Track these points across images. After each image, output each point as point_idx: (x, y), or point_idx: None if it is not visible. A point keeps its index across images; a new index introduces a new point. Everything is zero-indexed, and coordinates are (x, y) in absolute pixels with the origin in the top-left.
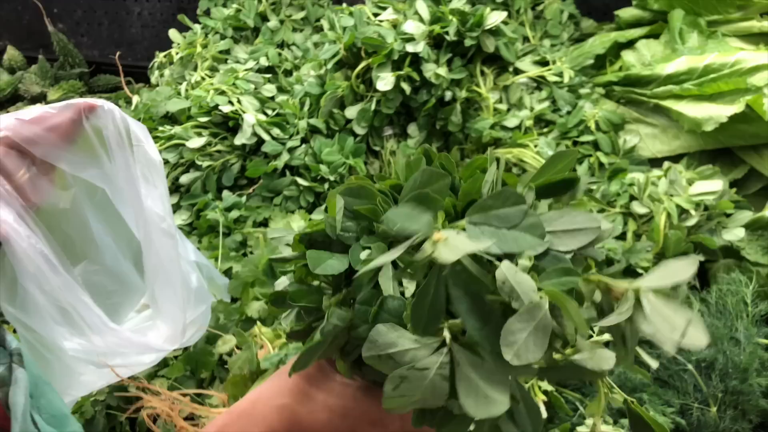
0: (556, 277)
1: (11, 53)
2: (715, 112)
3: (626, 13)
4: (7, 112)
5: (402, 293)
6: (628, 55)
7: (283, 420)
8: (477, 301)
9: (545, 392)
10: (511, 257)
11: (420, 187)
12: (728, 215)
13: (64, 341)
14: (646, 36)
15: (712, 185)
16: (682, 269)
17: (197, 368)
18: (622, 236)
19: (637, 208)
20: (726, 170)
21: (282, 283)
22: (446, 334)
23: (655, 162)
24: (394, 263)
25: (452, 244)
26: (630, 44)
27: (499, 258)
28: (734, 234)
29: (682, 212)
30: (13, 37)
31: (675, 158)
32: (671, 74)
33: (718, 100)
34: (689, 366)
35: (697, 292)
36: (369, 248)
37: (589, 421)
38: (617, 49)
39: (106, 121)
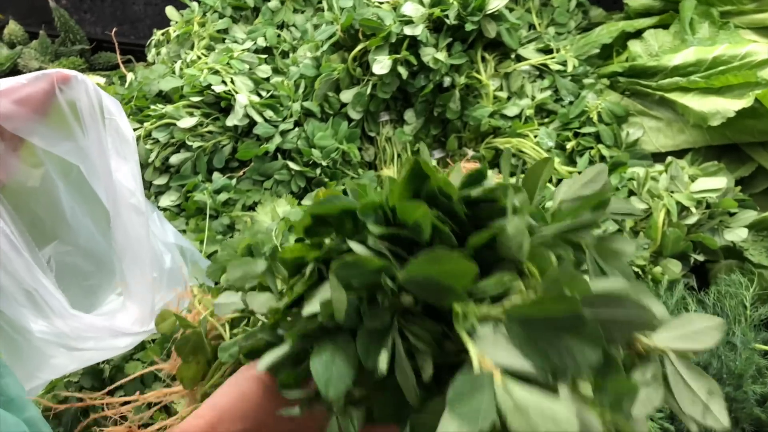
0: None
1: (12, 28)
2: (722, 106)
3: (636, 2)
4: None
5: None
6: (634, 45)
7: None
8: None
9: None
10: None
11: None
12: (732, 214)
13: (31, 323)
14: (656, 26)
15: (715, 182)
16: (708, 334)
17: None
18: (618, 233)
19: (636, 203)
20: (732, 167)
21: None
22: None
23: (659, 156)
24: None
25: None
26: (638, 34)
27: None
28: (737, 234)
29: (683, 210)
30: (17, 11)
31: (679, 153)
32: (678, 65)
33: (726, 94)
34: None
35: (695, 292)
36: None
37: None
38: (625, 38)
39: (80, 93)
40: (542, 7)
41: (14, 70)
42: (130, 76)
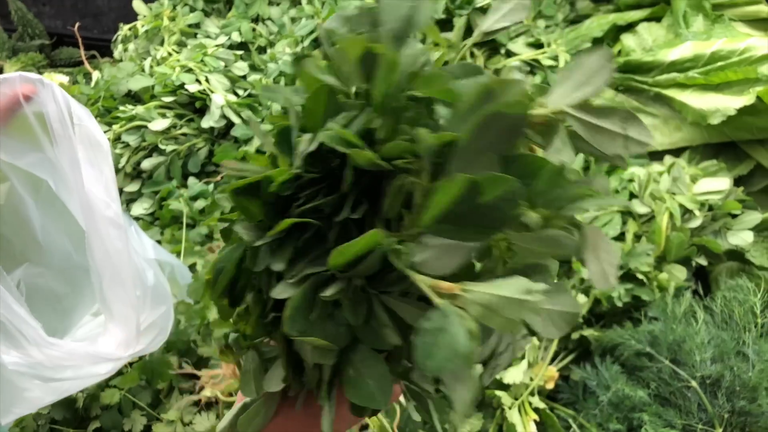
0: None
1: None
2: (722, 104)
3: None
4: None
5: None
6: (628, 39)
7: None
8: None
9: (536, 410)
10: None
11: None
12: (734, 216)
13: (2, 355)
14: (648, 19)
15: (718, 183)
16: (600, 73)
17: (153, 378)
18: (620, 237)
19: (638, 207)
20: (730, 165)
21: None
22: None
23: (655, 155)
24: None
25: None
26: (630, 27)
27: None
28: (741, 238)
29: (686, 212)
30: None
31: (676, 151)
32: (675, 61)
33: (725, 91)
34: (693, 383)
35: (700, 298)
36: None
37: None
38: (616, 32)
39: (46, 98)
40: None
41: None
42: (96, 74)
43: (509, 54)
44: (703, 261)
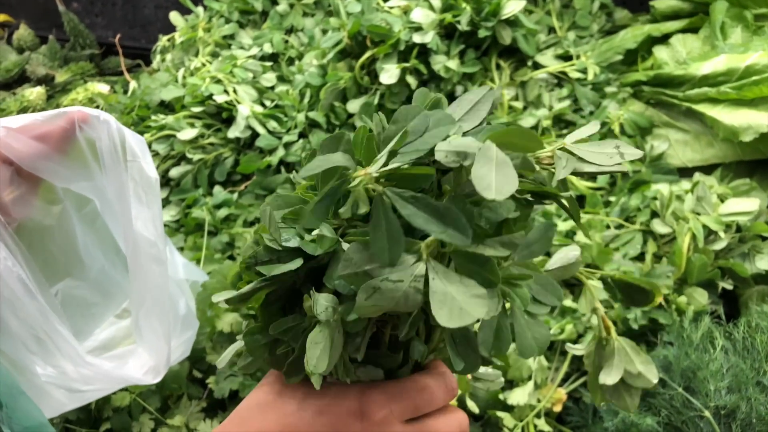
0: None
1: (21, 33)
2: (754, 120)
3: (663, 3)
4: (14, 93)
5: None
6: (660, 52)
7: None
8: (429, 205)
9: None
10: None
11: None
12: (765, 238)
13: (38, 368)
14: (684, 30)
15: (747, 204)
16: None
17: (164, 384)
18: (640, 257)
19: (659, 227)
20: (766, 184)
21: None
22: (422, 249)
23: (686, 172)
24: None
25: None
26: (665, 38)
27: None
28: None
29: (710, 233)
30: (29, 15)
31: (708, 168)
32: (707, 75)
33: (759, 106)
34: (706, 413)
35: (722, 324)
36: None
37: None
38: (651, 43)
39: (101, 132)
40: (563, 9)
41: (22, 76)
42: (132, 84)
43: (536, 66)
44: (728, 285)
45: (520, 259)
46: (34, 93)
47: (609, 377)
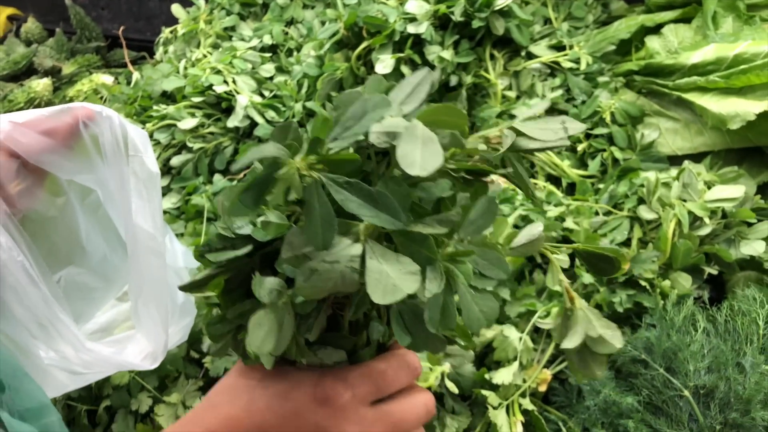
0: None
1: (29, 26)
2: (742, 108)
3: None
4: (21, 85)
5: None
6: (652, 41)
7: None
8: (362, 190)
9: (525, 411)
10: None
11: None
12: (750, 224)
13: (41, 351)
14: (678, 20)
15: (732, 191)
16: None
17: (162, 365)
18: (627, 243)
19: (644, 212)
20: (755, 172)
21: None
22: (361, 230)
23: (676, 160)
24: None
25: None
26: (658, 28)
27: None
28: (753, 248)
29: (696, 219)
30: (37, 9)
31: (697, 156)
32: (697, 64)
33: (747, 95)
34: (686, 392)
35: (706, 308)
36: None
37: None
38: (644, 33)
39: (104, 127)
40: (559, 0)
41: (30, 68)
42: (135, 75)
43: (530, 56)
44: (714, 270)
45: (465, 236)
46: (40, 84)
47: (570, 342)
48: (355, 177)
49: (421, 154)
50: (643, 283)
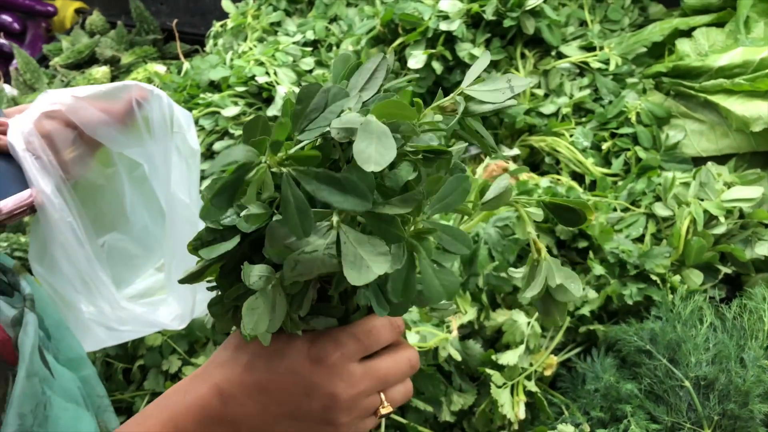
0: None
1: (93, 18)
2: (765, 111)
3: None
4: (83, 73)
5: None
6: (683, 44)
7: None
8: (330, 178)
9: (529, 393)
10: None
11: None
12: (767, 225)
13: (82, 306)
14: (712, 24)
15: (750, 191)
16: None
17: (191, 330)
18: (641, 239)
19: (660, 210)
20: None
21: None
22: (334, 219)
23: (701, 161)
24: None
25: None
26: (691, 32)
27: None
28: (766, 248)
29: (711, 218)
30: (102, 2)
31: (722, 158)
32: (724, 66)
33: None
34: (686, 382)
35: (715, 305)
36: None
37: (568, 428)
38: (677, 36)
39: (153, 105)
40: (596, 2)
41: (92, 58)
42: (186, 65)
43: (560, 56)
44: (728, 269)
45: (434, 212)
46: (99, 72)
47: (532, 290)
48: (324, 166)
49: (376, 149)
50: (654, 278)
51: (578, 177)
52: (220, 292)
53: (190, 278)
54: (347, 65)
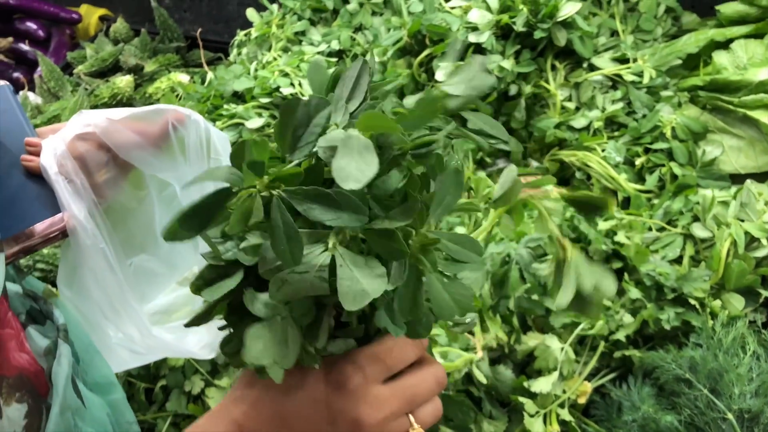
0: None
1: (117, 26)
2: None
3: (729, 8)
4: (107, 81)
5: None
6: (720, 57)
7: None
8: (321, 195)
9: (563, 422)
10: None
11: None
12: None
13: (110, 331)
14: (749, 35)
15: None
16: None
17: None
18: (679, 260)
19: (698, 230)
20: None
21: None
22: (330, 241)
23: (739, 178)
24: None
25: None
26: (728, 44)
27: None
28: None
29: (753, 240)
30: (126, 10)
31: (762, 176)
32: (764, 81)
33: None
34: (729, 415)
35: (760, 331)
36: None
37: None
38: (713, 48)
39: (190, 130)
40: (628, 12)
41: (116, 66)
42: (210, 75)
43: (592, 68)
44: None
45: (436, 218)
46: (123, 81)
47: (564, 297)
48: (318, 186)
49: (356, 166)
50: (693, 302)
51: (611, 193)
52: (231, 330)
53: (197, 321)
54: (322, 74)
